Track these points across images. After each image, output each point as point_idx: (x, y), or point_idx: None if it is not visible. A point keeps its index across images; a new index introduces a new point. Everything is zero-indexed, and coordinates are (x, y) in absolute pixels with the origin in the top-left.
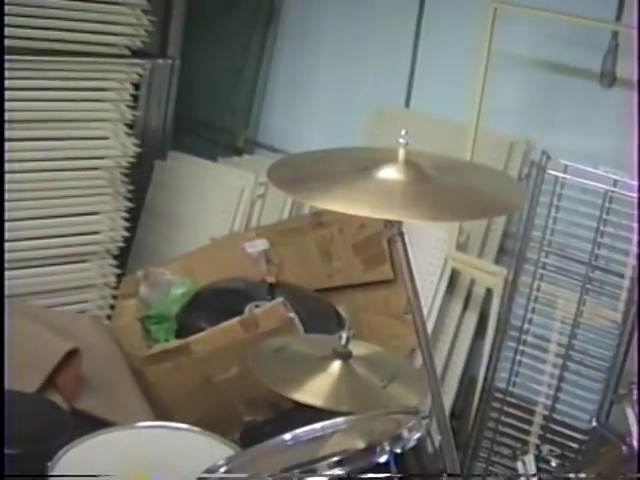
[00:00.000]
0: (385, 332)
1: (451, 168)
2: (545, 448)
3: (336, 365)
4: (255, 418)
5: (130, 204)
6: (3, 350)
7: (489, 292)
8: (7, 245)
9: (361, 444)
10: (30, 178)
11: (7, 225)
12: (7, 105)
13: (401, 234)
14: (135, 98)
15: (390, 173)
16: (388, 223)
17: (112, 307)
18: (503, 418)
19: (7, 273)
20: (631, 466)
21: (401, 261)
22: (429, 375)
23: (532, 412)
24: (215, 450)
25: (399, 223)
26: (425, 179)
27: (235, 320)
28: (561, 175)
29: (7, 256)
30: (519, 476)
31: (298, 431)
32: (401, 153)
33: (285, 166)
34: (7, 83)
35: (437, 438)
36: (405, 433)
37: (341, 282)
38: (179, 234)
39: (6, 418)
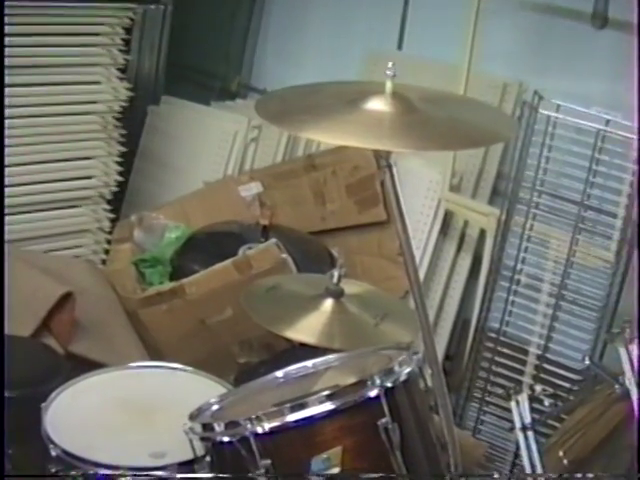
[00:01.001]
0: (379, 274)
1: (440, 100)
2: (538, 388)
3: (328, 303)
4: (250, 360)
5: (123, 149)
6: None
7: (482, 233)
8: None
9: (352, 379)
10: (23, 123)
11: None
12: None
13: (389, 166)
14: (127, 43)
15: (378, 105)
16: (377, 156)
17: (107, 252)
18: (497, 358)
19: None
20: (623, 405)
21: (391, 196)
22: (419, 313)
23: (525, 352)
24: (209, 389)
25: (387, 154)
26: (413, 110)
27: (228, 262)
28: (553, 115)
29: None
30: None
31: (290, 368)
32: (388, 85)
33: (274, 99)
34: None
35: (429, 374)
36: (396, 367)
37: (335, 224)
38: (173, 179)
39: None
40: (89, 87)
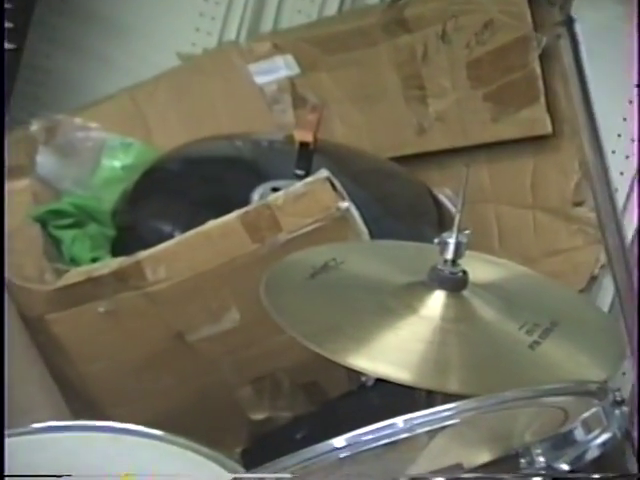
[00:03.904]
0: (534, 241)
1: None
2: None
3: (436, 302)
4: (273, 414)
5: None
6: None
7: None
8: None
9: (488, 455)
10: None
11: None
12: None
13: (569, 22)
14: None
15: None
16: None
17: None
18: None
19: None
20: None
21: (570, 86)
22: (628, 321)
23: None
24: (193, 470)
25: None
26: None
27: (232, 217)
28: None
29: None
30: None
31: (360, 432)
32: None
33: None
34: None
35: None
36: (579, 432)
37: (444, 142)
38: (113, 50)
39: None
40: None
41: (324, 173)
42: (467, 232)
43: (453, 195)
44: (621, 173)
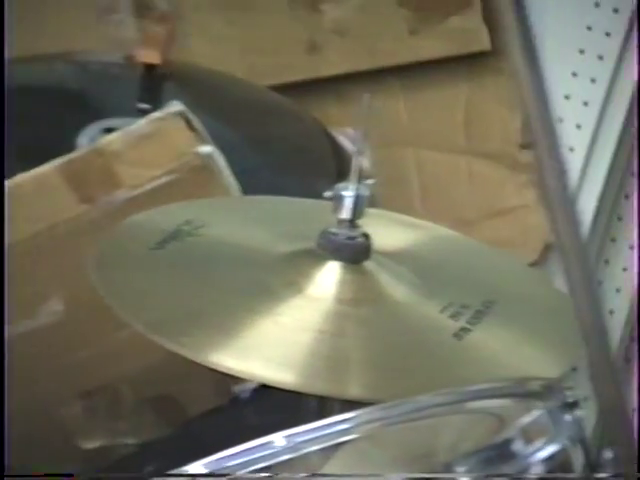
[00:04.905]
0: (468, 198)
1: None
2: None
3: (329, 278)
4: (110, 439)
5: None
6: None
7: None
8: None
9: (398, 477)
10: None
11: None
12: None
13: None
14: None
15: None
16: None
17: None
18: None
19: None
20: None
21: None
22: (585, 305)
23: None
24: None
25: None
26: None
27: (50, 168)
28: None
29: None
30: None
31: (223, 455)
32: None
33: None
34: None
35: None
36: (517, 443)
37: (344, 64)
38: None
39: None
40: None
41: (177, 107)
42: (371, 182)
43: (353, 134)
44: (578, 126)
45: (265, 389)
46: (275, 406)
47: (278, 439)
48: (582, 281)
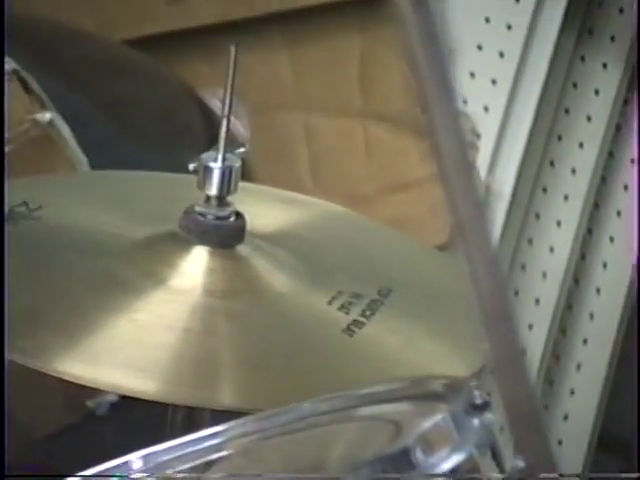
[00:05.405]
0: (366, 169)
1: None
2: None
3: (194, 266)
4: None
5: None
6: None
7: None
8: None
9: None
10: None
11: None
12: None
13: None
14: None
15: None
16: None
17: None
18: None
19: None
20: None
21: None
22: (488, 288)
23: None
24: None
25: None
26: None
27: None
28: None
29: None
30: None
31: None
32: None
33: None
34: None
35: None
36: (416, 452)
37: (211, 14)
38: None
39: None
40: None
41: (10, 65)
42: (243, 150)
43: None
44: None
45: (125, 402)
46: (136, 422)
47: (134, 458)
48: (484, 264)
